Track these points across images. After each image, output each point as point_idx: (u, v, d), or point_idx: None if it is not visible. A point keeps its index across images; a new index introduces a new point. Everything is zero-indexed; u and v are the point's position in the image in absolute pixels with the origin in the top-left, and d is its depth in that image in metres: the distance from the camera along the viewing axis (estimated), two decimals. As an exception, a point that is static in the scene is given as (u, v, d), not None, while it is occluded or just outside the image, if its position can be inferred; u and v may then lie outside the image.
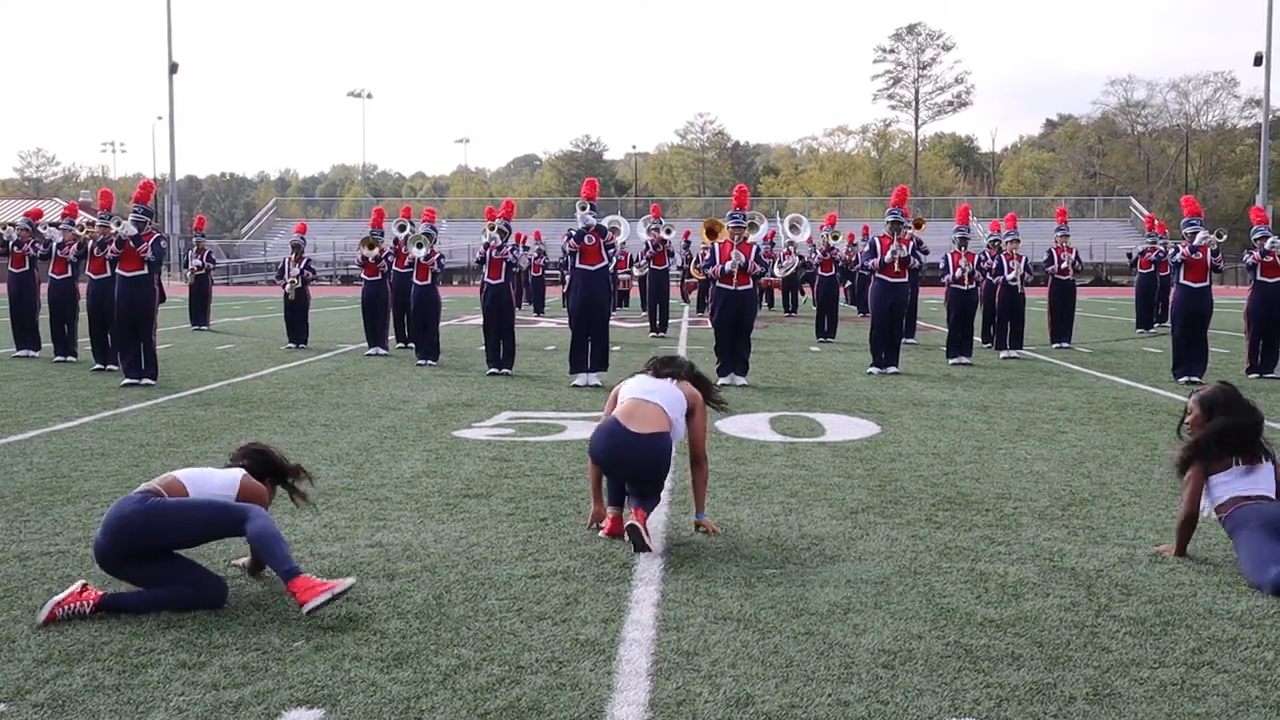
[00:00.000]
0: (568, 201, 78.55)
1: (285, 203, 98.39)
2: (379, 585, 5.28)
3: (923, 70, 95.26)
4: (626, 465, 6.03)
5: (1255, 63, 51.38)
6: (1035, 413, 11.27)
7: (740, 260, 13.95)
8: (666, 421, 6.12)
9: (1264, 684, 4.15)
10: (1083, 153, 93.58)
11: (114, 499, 6.90)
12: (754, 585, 5.31)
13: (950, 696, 4.00)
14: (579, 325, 13.73)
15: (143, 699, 3.94)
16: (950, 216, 57.72)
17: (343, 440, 9.37)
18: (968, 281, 17.15)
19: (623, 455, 6.00)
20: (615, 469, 6.09)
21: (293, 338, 19.28)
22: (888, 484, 7.68)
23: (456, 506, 6.91)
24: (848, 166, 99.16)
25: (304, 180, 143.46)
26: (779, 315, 30.01)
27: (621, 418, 6.08)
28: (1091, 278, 59.39)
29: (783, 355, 17.94)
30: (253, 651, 4.39)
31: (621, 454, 6.00)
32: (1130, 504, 7.12)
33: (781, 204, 79.57)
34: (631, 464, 6.00)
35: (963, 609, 4.97)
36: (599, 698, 3.99)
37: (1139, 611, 4.96)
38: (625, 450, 6.00)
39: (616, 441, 6.01)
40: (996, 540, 6.18)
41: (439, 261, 16.65)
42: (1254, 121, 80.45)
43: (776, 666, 4.28)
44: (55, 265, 16.60)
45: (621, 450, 6.00)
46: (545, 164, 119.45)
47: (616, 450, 6.01)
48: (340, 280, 61.30)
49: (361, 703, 3.92)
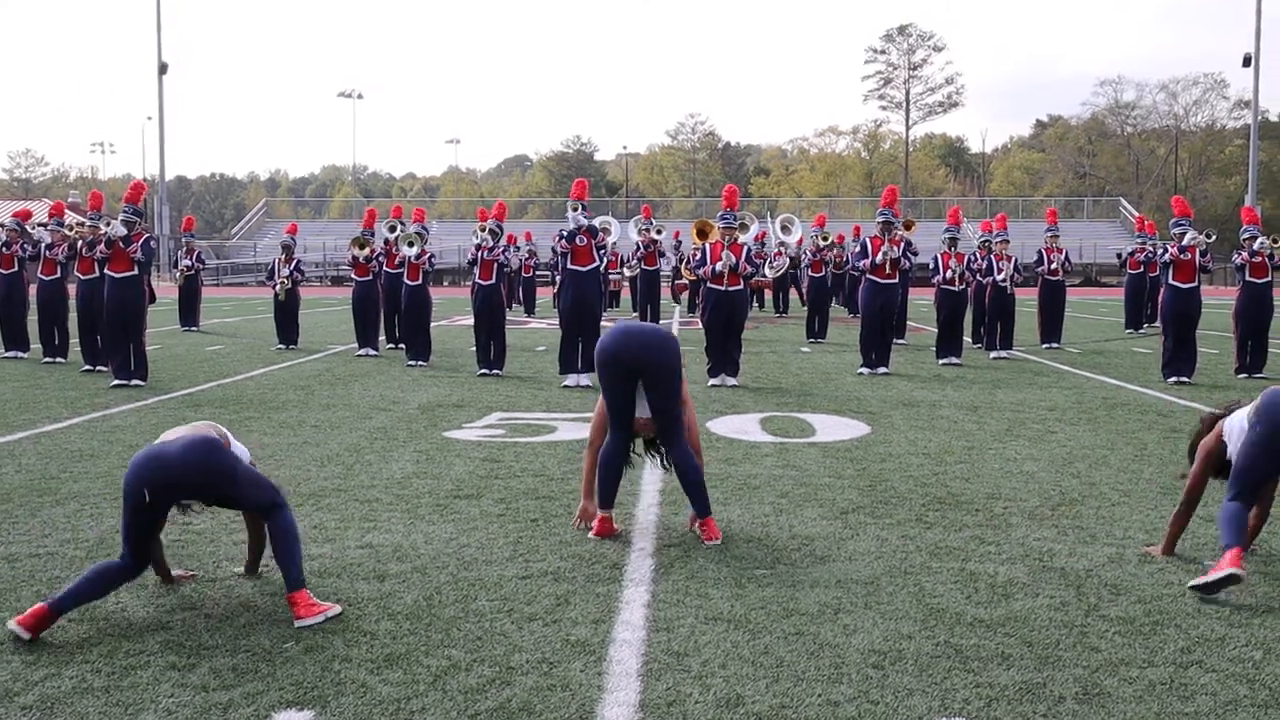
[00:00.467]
0: (558, 202, 78.56)
1: (275, 203, 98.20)
2: (369, 586, 5.27)
3: (913, 71, 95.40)
4: (635, 351, 6.10)
5: (1244, 64, 51.59)
6: (1025, 413, 11.30)
7: (731, 261, 13.96)
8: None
9: (1252, 683, 4.16)
10: (1072, 153, 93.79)
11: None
12: (744, 586, 5.31)
13: (940, 696, 4.01)
14: (570, 326, 13.72)
15: (132, 701, 3.93)
16: (941, 217, 57.79)
17: (333, 441, 9.36)
18: (958, 282, 17.19)
19: (631, 343, 6.12)
20: (623, 357, 6.12)
21: (283, 338, 19.24)
22: (878, 484, 7.69)
23: (447, 507, 6.91)
24: (838, 167, 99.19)
25: (294, 181, 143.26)
26: (769, 316, 30.03)
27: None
28: (1081, 278, 59.48)
29: (773, 356, 17.95)
30: (242, 653, 4.39)
31: (630, 342, 6.12)
32: (1119, 504, 7.14)
33: (772, 205, 79.65)
34: (640, 348, 6.09)
35: (953, 609, 4.98)
36: (589, 698, 3.99)
37: (1128, 611, 4.97)
38: (633, 339, 6.12)
39: (623, 333, 6.16)
40: (986, 540, 6.19)
41: (430, 261, 16.64)
42: (1243, 122, 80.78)
43: (767, 667, 4.28)
44: (44, 266, 16.56)
45: (630, 339, 6.12)
46: (536, 164, 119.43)
47: (625, 339, 6.12)
48: (331, 281, 61.20)
49: (352, 704, 3.92)
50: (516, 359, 16.51)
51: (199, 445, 4.87)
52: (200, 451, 4.85)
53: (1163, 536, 5.97)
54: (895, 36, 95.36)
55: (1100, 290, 55.78)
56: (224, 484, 4.90)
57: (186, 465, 4.80)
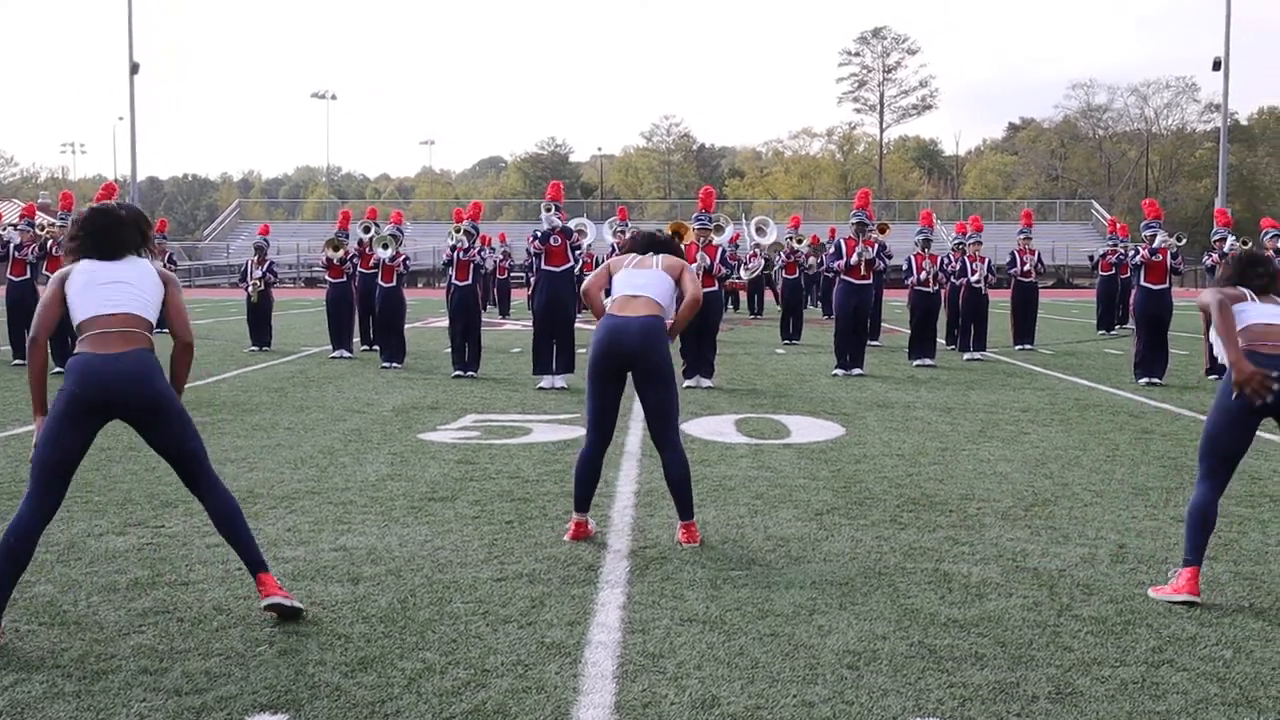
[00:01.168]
0: (533, 204, 78.43)
1: (248, 204, 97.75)
2: (343, 589, 5.25)
3: (887, 74, 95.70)
4: (626, 347, 6.15)
5: (1214, 68, 51.92)
6: (998, 414, 11.35)
7: (706, 263, 13.98)
8: (658, 307, 6.29)
9: (1223, 682, 4.20)
10: (1045, 156, 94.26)
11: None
12: (720, 587, 5.32)
13: (914, 696, 4.03)
14: (543, 327, 13.70)
15: (103, 705, 3.90)
16: (914, 219, 58.04)
17: (306, 444, 9.32)
18: (931, 284, 17.26)
19: (622, 339, 6.15)
20: (614, 352, 6.18)
21: (256, 340, 19.16)
22: (852, 485, 7.71)
23: (421, 510, 6.89)
24: (813, 169, 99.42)
25: (267, 182, 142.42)
26: (744, 317, 30.08)
27: (615, 310, 6.28)
28: (1053, 280, 59.84)
29: (748, 357, 17.98)
30: (215, 657, 4.36)
31: (621, 338, 6.15)
32: (1092, 504, 7.18)
33: (747, 206, 79.75)
34: (630, 346, 6.14)
35: (927, 609, 5.00)
36: (565, 700, 3.98)
37: (1100, 611, 5.01)
38: (623, 335, 6.15)
39: (613, 328, 6.19)
40: (960, 541, 6.22)
41: (404, 263, 16.60)
42: (1213, 125, 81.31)
43: (742, 668, 4.29)
44: (13, 267, 16.41)
45: (620, 335, 6.16)
46: (510, 166, 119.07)
47: (616, 335, 6.17)
48: (304, 282, 60.96)
49: (326, 708, 3.90)
50: (491, 360, 16.48)
51: (135, 385, 4.78)
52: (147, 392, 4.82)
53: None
54: (869, 39, 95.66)
55: (1072, 292, 56.11)
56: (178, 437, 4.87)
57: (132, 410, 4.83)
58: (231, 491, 5.15)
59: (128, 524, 6.46)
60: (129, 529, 6.35)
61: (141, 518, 6.57)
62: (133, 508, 6.83)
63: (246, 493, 7.22)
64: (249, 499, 7.04)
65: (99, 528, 6.38)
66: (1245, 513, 6.92)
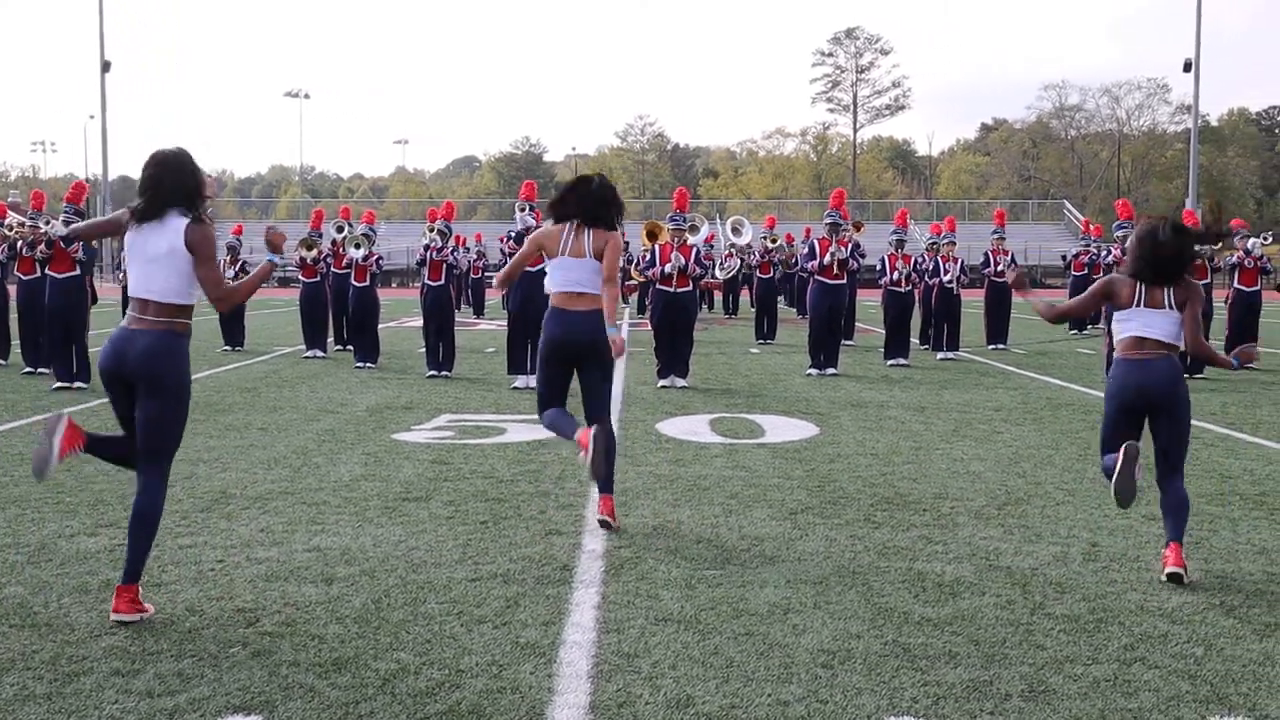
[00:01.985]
0: (507, 204, 78.25)
1: (221, 204, 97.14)
2: (317, 590, 5.23)
3: (861, 74, 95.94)
4: (579, 341, 6.52)
5: (1185, 69, 52.35)
6: (971, 413, 11.41)
7: (680, 262, 13.99)
8: (599, 300, 6.56)
9: (1194, 679, 4.23)
10: (1017, 156, 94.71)
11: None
12: (694, 586, 5.32)
13: (888, 695, 4.04)
14: (518, 327, 13.67)
15: (76, 708, 3.87)
16: (888, 219, 58.22)
17: (280, 444, 9.27)
18: (905, 284, 17.32)
19: (577, 335, 6.51)
20: (568, 344, 6.54)
21: (229, 340, 19.05)
22: (827, 485, 7.73)
23: (395, 510, 6.87)
24: (787, 169, 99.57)
25: (240, 181, 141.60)
26: (719, 317, 30.11)
27: (564, 305, 6.58)
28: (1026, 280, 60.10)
29: (722, 357, 18.00)
30: (188, 658, 4.34)
31: (574, 334, 6.52)
32: (1064, 503, 7.22)
33: (721, 206, 79.82)
34: (583, 340, 6.50)
35: (900, 608, 5.02)
36: (539, 701, 3.98)
37: (1073, 609, 5.04)
38: (576, 331, 6.51)
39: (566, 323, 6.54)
40: (934, 540, 6.24)
41: (377, 263, 16.53)
42: (1184, 126, 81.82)
43: (717, 667, 4.29)
44: (-14, 267, 16.25)
45: (573, 330, 6.52)
46: (485, 165, 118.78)
47: (570, 330, 6.53)
48: (277, 282, 60.64)
49: (300, 709, 3.88)
50: (465, 360, 16.44)
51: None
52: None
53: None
54: (843, 40, 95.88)
55: (1045, 292, 56.37)
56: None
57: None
58: (204, 492, 5.12)
59: (99, 525, 6.41)
60: (100, 530, 6.31)
61: (113, 518, 6.52)
62: (104, 509, 6.78)
63: (219, 493, 7.19)
64: (222, 499, 7.00)
65: (70, 529, 6.33)
66: (1216, 511, 6.98)
